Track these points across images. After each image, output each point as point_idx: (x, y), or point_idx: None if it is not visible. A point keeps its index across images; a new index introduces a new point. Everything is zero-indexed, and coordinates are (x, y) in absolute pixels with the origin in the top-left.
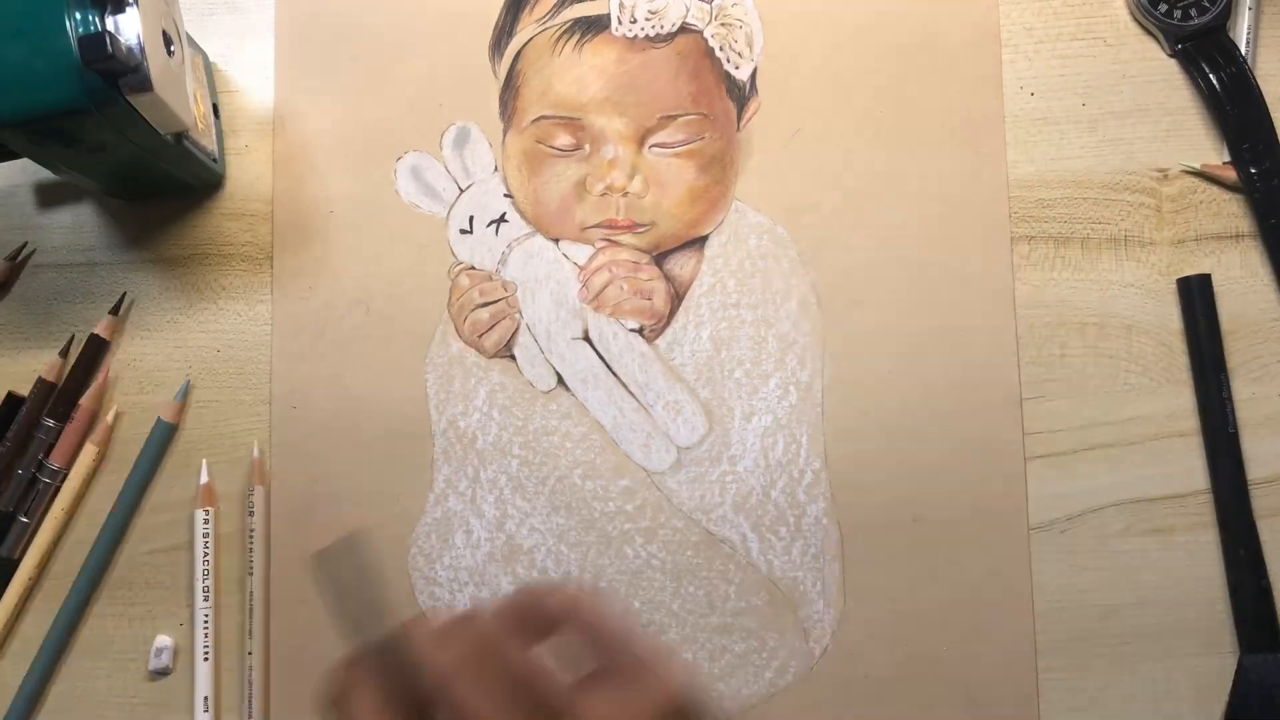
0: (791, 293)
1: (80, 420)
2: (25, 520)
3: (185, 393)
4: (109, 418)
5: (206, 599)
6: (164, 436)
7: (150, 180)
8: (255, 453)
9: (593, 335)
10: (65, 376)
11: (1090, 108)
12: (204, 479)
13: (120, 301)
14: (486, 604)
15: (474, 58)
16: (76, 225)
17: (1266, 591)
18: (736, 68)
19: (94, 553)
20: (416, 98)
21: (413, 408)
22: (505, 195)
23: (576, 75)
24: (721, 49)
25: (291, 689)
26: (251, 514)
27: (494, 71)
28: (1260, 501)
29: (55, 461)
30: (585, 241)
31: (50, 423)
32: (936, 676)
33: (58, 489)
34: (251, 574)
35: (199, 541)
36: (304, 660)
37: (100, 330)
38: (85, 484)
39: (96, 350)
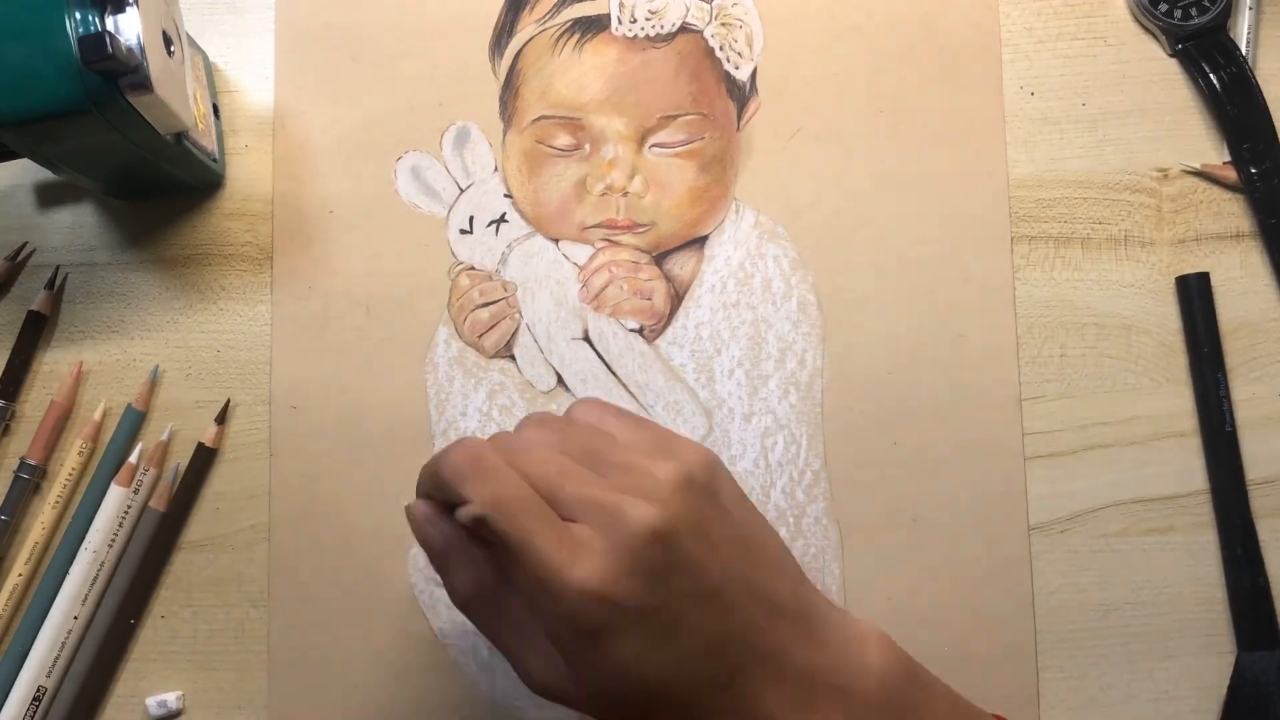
0: (791, 293)
1: (53, 415)
2: (5, 518)
3: (155, 376)
4: (97, 415)
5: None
6: (134, 423)
7: (150, 180)
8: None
9: (593, 335)
10: (11, 352)
11: (1090, 108)
12: (132, 458)
13: (54, 276)
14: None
15: (474, 58)
16: (76, 225)
17: (1264, 590)
18: (736, 68)
19: (61, 549)
20: (416, 98)
21: (413, 408)
22: (505, 195)
23: (576, 75)
24: (721, 49)
25: (292, 689)
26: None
27: (494, 71)
28: (1259, 501)
29: (32, 458)
30: (585, 241)
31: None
32: (937, 676)
33: (38, 485)
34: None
35: (103, 517)
36: (305, 660)
37: (38, 306)
38: (75, 481)
39: (37, 326)
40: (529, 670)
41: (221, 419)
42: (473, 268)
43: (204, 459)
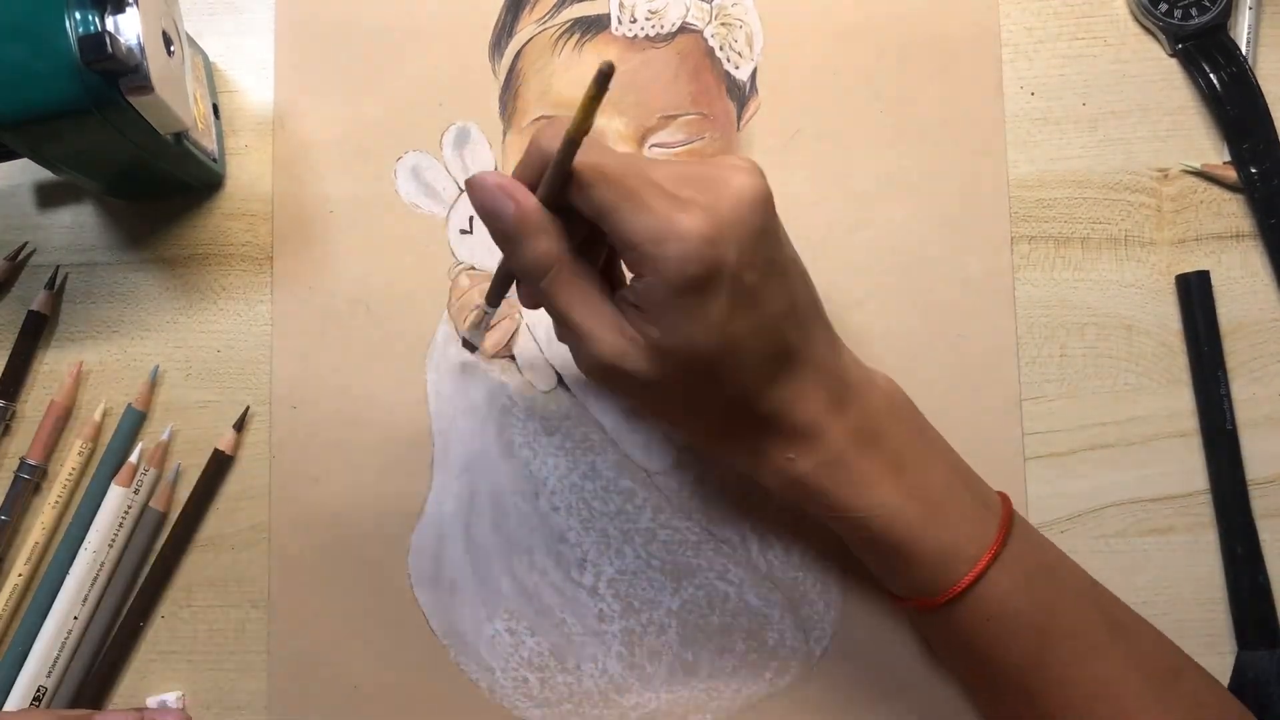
0: None
1: (53, 415)
2: (5, 518)
3: (155, 376)
4: (97, 415)
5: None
6: (134, 423)
7: (150, 180)
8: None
9: None
10: (10, 353)
11: (1090, 108)
12: (132, 458)
13: (54, 276)
14: None
15: (474, 58)
16: (76, 225)
17: (1264, 590)
18: (736, 68)
19: (61, 549)
20: (416, 98)
21: (413, 408)
22: None
23: (576, 75)
24: (721, 49)
25: (292, 689)
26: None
27: (494, 71)
28: (1259, 501)
29: (32, 458)
30: None
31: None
32: (937, 677)
33: (38, 485)
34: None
35: (104, 517)
36: (305, 660)
37: (38, 306)
38: (75, 481)
39: (37, 326)
40: (595, 341)
41: (240, 426)
42: (473, 268)
43: (219, 466)
